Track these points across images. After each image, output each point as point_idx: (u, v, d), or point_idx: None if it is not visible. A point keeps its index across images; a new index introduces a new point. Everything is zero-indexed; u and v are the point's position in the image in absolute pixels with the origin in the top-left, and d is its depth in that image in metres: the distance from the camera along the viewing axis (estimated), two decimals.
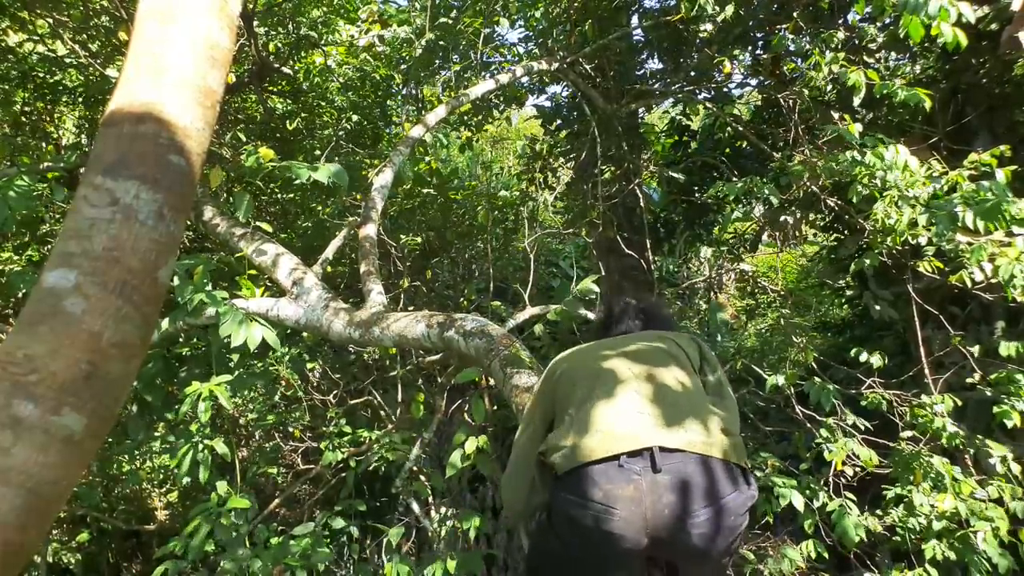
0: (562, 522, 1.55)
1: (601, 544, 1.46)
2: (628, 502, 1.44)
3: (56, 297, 0.88)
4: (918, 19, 2.77)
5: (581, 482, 1.48)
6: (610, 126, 5.16)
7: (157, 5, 1.10)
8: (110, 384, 0.89)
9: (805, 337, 5.65)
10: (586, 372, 1.73)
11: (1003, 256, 2.84)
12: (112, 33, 4.34)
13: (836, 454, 3.20)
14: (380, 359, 4.58)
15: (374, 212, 3.38)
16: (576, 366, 1.78)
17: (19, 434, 0.79)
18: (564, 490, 1.53)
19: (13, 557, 0.76)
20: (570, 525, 1.51)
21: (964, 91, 4.73)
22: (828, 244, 6.45)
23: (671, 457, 1.47)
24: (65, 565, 6.05)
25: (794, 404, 3.77)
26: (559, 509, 1.55)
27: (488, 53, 5.35)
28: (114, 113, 1.02)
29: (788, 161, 3.97)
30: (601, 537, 1.46)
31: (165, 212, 0.99)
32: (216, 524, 2.91)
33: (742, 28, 4.51)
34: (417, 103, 5.68)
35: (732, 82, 5.16)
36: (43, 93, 4.63)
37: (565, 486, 1.53)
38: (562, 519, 1.54)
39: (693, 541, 1.45)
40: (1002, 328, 4.50)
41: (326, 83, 5.40)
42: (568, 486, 1.51)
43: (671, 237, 6.53)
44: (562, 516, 1.53)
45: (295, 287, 3.03)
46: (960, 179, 3.04)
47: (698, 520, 1.44)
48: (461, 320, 2.42)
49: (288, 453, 4.61)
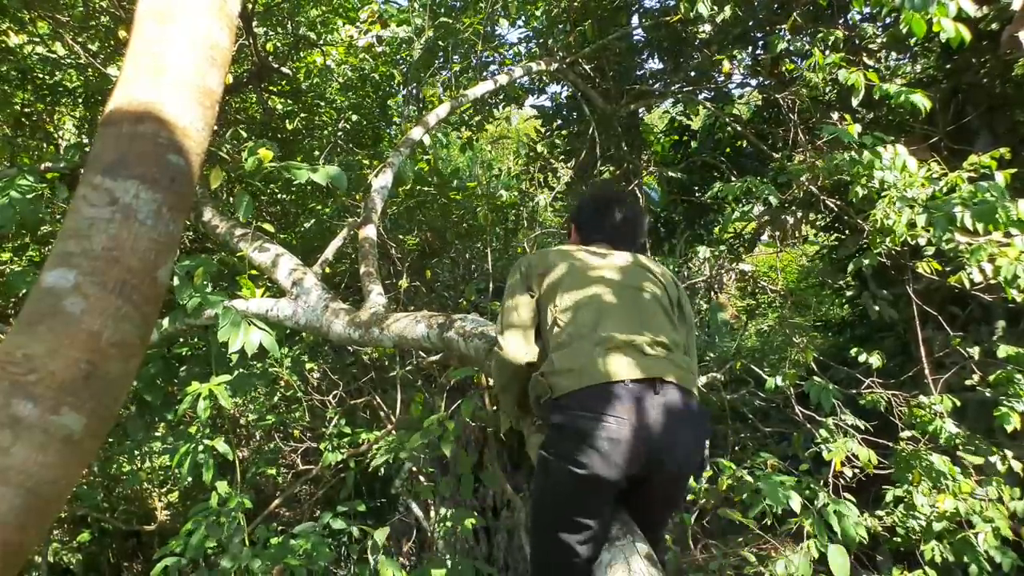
0: (569, 436, 1.57)
1: (609, 456, 1.52)
2: (631, 424, 1.53)
3: (55, 297, 0.88)
4: (919, 16, 2.75)
5: (590, 400, 1.56)
6: (610, 126, 5.16)
7: (156, 5, 1.10)
8: (110, 384, 0.89)
9: (805, 337, 5.65)
10: (583, 289, 1.77)
11: (1003, 256, 2.84)
12: (112, 33, 4.34)
13: (835, 454, 3.20)
14: (380, 359, 4.58)
15: (374, 212, 3.38)
16: (571, 278, 1.80)
17: (18, 434, 0.79)
18: (572, 407, 1.58)
19: (12, 557, 0.76)
20: (577, 438, 1.55)
21: (965, 91, 4.74)
22: (828, 244, 6.45)
23: (666, 387, 1.60)
24: (66, 565, 6.06)
25: (794, 404, 3.77)
26: (566, 424, 1.58)
27: (488, 53, 5.35)
28: (113, 113, 1.02)
29: (788, 161, 3.97)
30: (610, 448, 1.52)
31: (164, 212, 0.99)
32: (215, 524, 2.91)
33: (742, 28, 4.51)
34: (417, 103, 5.68)
35: (732, 82, 5.17)
36: (43, 94, 4.63)
37: (574, 402, 1.58)
38: (569, 433, 1.57)
39: (676, 466, 1.60)
40: (1003, 328, 4.50)
41: (326, 83, 5.40)
42: (577, 402, 1.58)
43: (671, 237, 6.52)
44: (570, 431, 1.57)
45: (295, 287, 3.03)
46: (959, 181, 3.03)
47: (682, 446, 1.59)
48: (461, 321, 2.42)
49: (288, 453, 4.62)
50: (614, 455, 1.52)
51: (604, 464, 1.52)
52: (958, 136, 4.61)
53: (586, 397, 1.57)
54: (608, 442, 1.52)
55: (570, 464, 1.54)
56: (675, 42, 5.22)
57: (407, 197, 5.22)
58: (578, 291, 1.75)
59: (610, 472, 1.52)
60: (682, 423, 1.59)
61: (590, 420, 1.54)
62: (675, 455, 1.58)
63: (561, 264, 1.83)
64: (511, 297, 1.84)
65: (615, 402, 1.54)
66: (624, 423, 1.53)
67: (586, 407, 1.56)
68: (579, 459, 1.53)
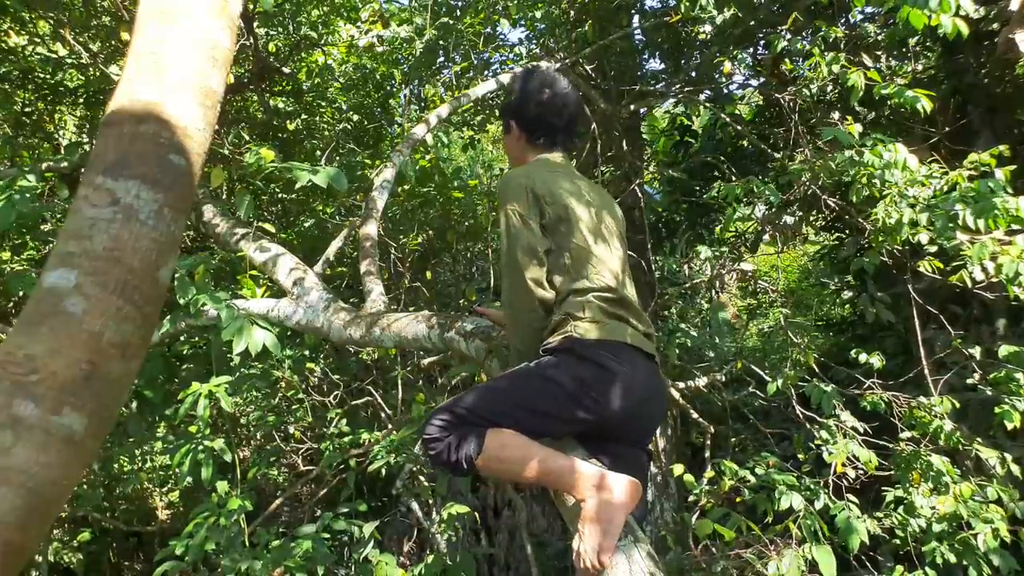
0: (588, 364, 1.60)
1: (613, 399, 1.59)
2: (636, 378, 1.62)
3: (56, 297, 0.88)
4: (918, 10, 2.76)
5: (608, 347, 1.61)
6: (610, 126, 5.16)
7: (158, 5, 1.10)
8: (110, 384, 0.89)
9: (807, 337, 5.65)
10: (586, 221, 1.75)
11: (1004, 254, 2.84)
12: (114, 34, 4.34)
13: (836, 456, 3.20)
14: (380, 359, 4.58)
15: (375, 211, 3.38)
16: (567, 211, 1.73)
17: (19, 434, 0.79)
18: (595, 346, 1.61)
19: (13, 557, 0.76)
20: (597, 369, 1.59)
21: (965, 91, 4.73)
22: (829, 243, 6.45)
23: (650, 359, 1.71)
24: (67, 564, 6.07)
25: (795, 405, 3.77)
26: (591, 357, 1.60)
27: (490, 53, 5.35)
28: (115, 113, 1.02)
29: (789, 161, 3.97)
30: (618, 394, 1.59)
31: (166, 212, 0.99)
32: (215, 525, 2.91)
33: (742, 29, 4.51)
34: (419, 102, 5.68)
35: (733, 82, 5.16)
36: (44, 94, 4.64)
37: (597, 344, 1.62)
38: (591, 365, 1.60)
39: (653, 423, 1.78)
40: (1004, 326, 4.49)
41: (327, 83, 5.40)
42: (599, 344, 1.62)
43: (672, 236, 6.53)
44: (592, 362, 1.60)
45: (295, 287, 3.02)
46: (960, 179, 3.03)
47: (657, 405, 1.76)
48: (461, 320, 2.42)
49: (289, 454, 4.62)
50: (617, 399, 1.58)
51: (606, 404, 1.58)
52: (958, 136, 4.60)
53: (606, 347, 1.62)
54: (618, 387, 1.59)
55: (581, 384, 1.58)
56: (675, 43, 5.22)
57: (409, 197, 5.22)
58: (578, 229, 1.73)
59: (607, 412, 1.59)
60: (659, 393, 1.77)
61: (611, 361, 1.59)
62: (654, 418, 1.76)
63: (558, 191, 1.75)
64: (525, 226, 1.69)
65: (626, 356, 1.62)
66: (631, 376, 1.61)
67: (608, 351, 1.61)
68: (591, 389, 1.58)
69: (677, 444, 5.29)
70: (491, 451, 1.54)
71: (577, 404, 1.58)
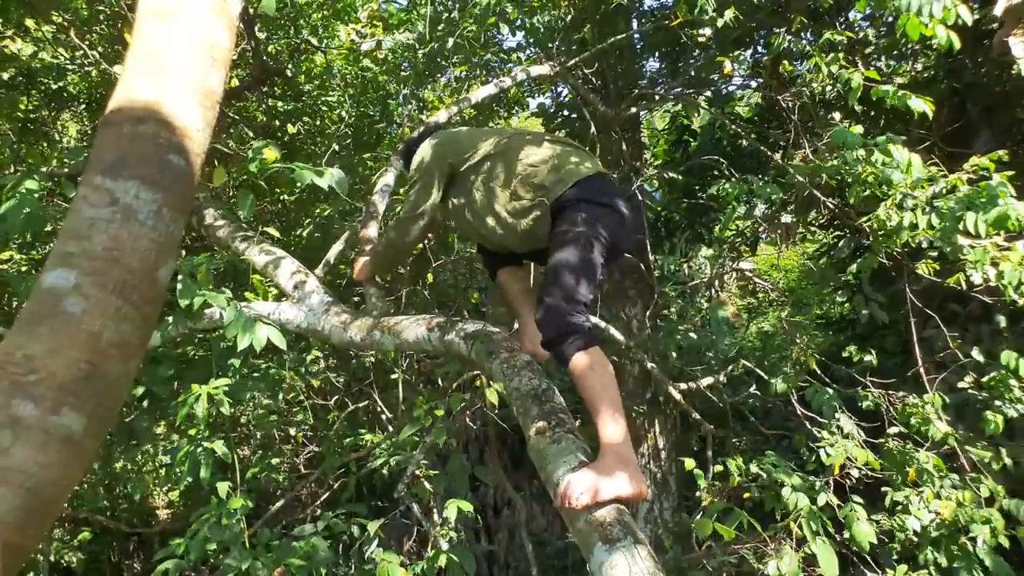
0: (594, 207, 1.92)
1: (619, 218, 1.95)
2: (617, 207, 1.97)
3: (56, 297, 0.88)
4: (916, 20, 2.77)
5: (594, 183, 1.95)
6: (610, 129, 5.15)
7: (157, 5, 1.10)
8: (110, 384, 0.89)
9: (806, 336, 5.64)
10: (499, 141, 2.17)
11: (1005, 261, 2.83)
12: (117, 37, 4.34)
13: (834, 459, 3.19)
14: (381, 362, 4.57)
15: (376, 213, 3.38)
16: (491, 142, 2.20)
17: (18, 434, 0.79)
18: (587, 190, 1.93)
19: (12, 557, 0.77)
20: (601, 208, 1.92)
21: (964, 90, 4.73)
22: (828, 242, 6.44)
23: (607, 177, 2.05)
24: (67, 564, 6.06)
25: (795, 405, 3.77)
26: (590, 199, 1.92)
27: (491, 59, 5.35)
28: (114, 113, 1.02)
29: (788, 161, 3.97)
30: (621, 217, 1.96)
31: (165, 212, 0.99)
32: (216, 525, 2.91)
33: (741, 30, 4.51)
34: (419, 103, 5.68)
35: (732, 83, 5.16)
36: (48, 99, 4.63)
37: (586, 189, 1.92)
38: (595, 205, 1.92)
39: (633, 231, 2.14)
40: (1004, 325, 4.49)
41: (327, 86, 5.40)
42: (588, 188, 1.93)
43: (672, 236, 6.52)
44: (595, 204, 1.92)
45: (296, 290, 3.02)
46: (959, 183, 3.03)
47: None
48: (462, 323, 2.42)
49: (290, 456, 4.62)
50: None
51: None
52: (958, 136, 4.60)
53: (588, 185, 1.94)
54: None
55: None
56: (674, 45, 5.21)
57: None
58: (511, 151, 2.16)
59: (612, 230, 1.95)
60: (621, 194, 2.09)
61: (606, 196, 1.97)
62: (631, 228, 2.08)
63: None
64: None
65: (605, 187, 1.97)
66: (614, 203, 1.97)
67: (597, 191, 1.95)
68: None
69: (677, 444, 5.29)
70: (594, 356, 1.78)
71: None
